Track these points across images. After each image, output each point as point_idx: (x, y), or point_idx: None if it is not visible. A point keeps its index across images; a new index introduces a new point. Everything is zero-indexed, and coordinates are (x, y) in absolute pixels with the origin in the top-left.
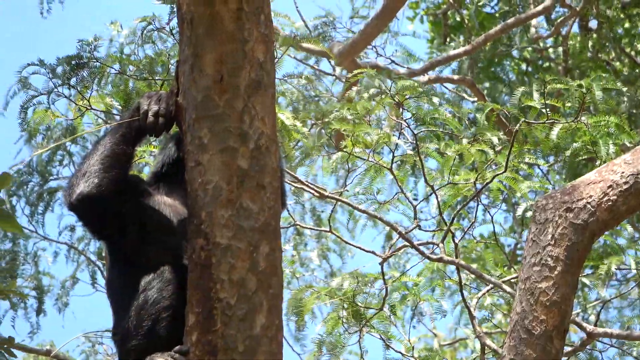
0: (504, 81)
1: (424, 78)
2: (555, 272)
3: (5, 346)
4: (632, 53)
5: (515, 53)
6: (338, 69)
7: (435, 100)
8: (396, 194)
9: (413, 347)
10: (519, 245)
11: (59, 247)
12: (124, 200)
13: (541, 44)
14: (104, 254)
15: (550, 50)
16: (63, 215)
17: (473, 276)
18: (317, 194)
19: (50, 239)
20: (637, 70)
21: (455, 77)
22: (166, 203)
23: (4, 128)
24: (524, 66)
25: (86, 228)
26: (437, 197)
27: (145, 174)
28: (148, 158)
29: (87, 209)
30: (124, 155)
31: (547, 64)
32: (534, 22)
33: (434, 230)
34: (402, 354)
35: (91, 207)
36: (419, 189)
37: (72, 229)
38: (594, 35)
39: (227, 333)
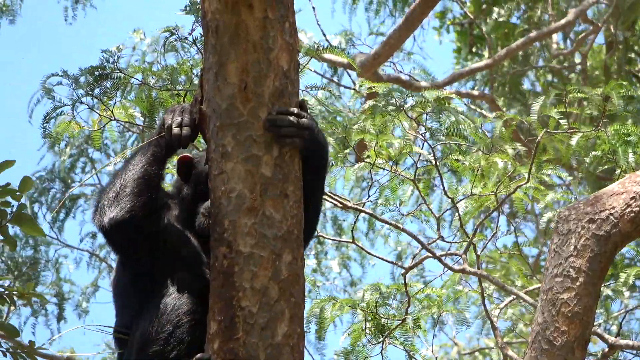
0: (525, 95)
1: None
2: (578, 283)
3: (26, 351)
4: None
5: (540, 63)
6: (358, 82)
7: (453, 110)
8: (419, 205)
9: (436, 358)
10: (542, 257)
11: (81, 254)
12: (154, 221)
13: (557, 61)
14: None
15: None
16: (84, 222)
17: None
18: (341, 205)
19: (72, 246)
20: None
21: (475, 92)
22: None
23: (26, 134)
24: (549, 77)
25: (116, 252)
26: (457, 209)
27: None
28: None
29: (120, 234)
30: (155, 176)
31: (572, 75)
32: (554, 37)
33: (456, 242)
34: None
35: (124, 232)
36: (440, 201)
37: (94, 236)
38: (619, 47)
39: (249, 341)
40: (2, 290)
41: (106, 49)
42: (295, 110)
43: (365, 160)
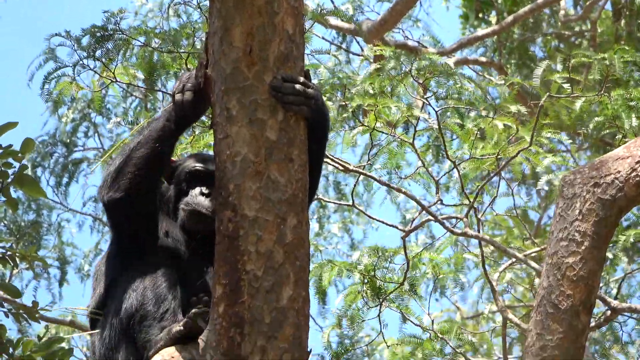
0: (534, 62)
1: (451, 60)
2: (583, 247)
3: (28, 311)
4: None
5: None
6: (367, 49)
7: (457, 77)
8: (418, 168)
9: (433, 321)
10: (543, 221)
11: (84, 218)
12: (151, 200)
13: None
14: None
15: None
16: (87, 186)
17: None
18: (342, 168)
19: (74, 209)
20: None
21: (483, 59)
22: None
23: (31, 100)
24: (556, 42)
25: (113, 227)
26: (459, 172)
27: None
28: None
29: (117, 211)
30: (158, 154)
31: (578, 40)
32: (562, 3)
33: (456, 205)
34: (422, 328)
35: (120, 210)
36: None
37: (97, 200)
38: (627, 13)
39: (254, 305)
40: (4, 251)
41: (108, 10)
42: (302, 79)
43: (365, 125)
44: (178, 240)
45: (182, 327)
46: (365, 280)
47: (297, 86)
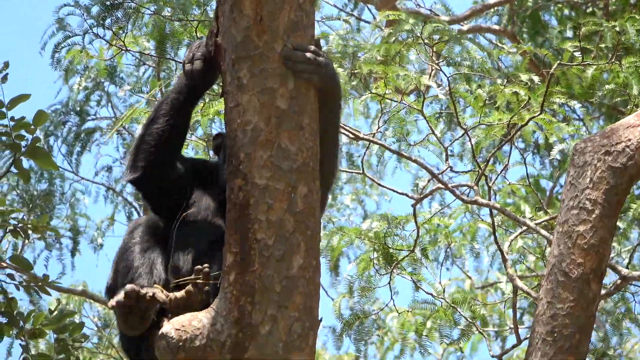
0: (547, 28)
1: (463, 27)
2: (594, 216)
3: (39, 284)
4: None
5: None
6: (378, 16)
7: (467, 43)
8: (427, 135)
9: (444, 289)
10: (555, 190)
11: (97, 187)
12: (171, 171)
13: None
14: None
15: None
16: (100, 155)
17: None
18: (352, 136)
19: (87, 179)
20: None
21: (496, 27)
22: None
23: (44, 69)
24: (566, 12)
25: (145, 199)
26: (470, 139)
27: None
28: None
29: (141, 188)
30: (174, 127)
31: (590, 9)
32: None
33: (465, 172)
34: (433, 296)
35: (144, 187)
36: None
37: (109, 169)
38: None
39: (265, 273)
40: (16, 223)
41: None
42: (313, 47)
43: (373, 92)
44: (207, 209)
45: (122, 296)
46: (377, 248)
47: (308, 54)
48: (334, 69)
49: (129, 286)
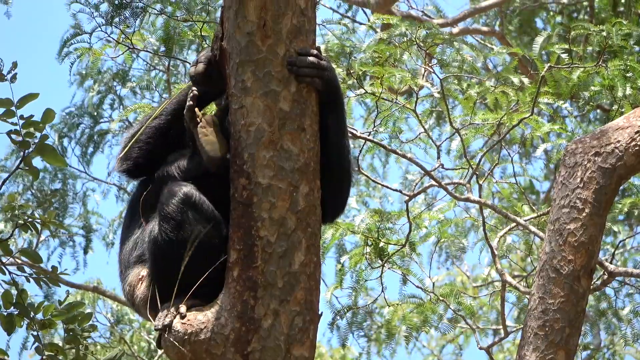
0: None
1: (454, 30)
2: (584, 214)
3: (48, 276)
4: None
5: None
6: (372, 18)
7: (458, 45)
8: (420, 133)
9: (434, 284)
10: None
11: (108, 187)
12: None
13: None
14: None
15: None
16: (112, 156)
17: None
18: (350, 134)
19: (99, 179)
20: None
21: (485, 28)
22: None
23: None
24: (558, 18)
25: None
26: (461, 138)
27: None
28: None
29: (130, 178)
30: (175, 127)
31: (581, 15)
32: None
33: (456, 168)
34: (423, 289)
35: (132, 177)
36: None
37: None
38: None
39: (267, 269)
40: (25, 217)
41: None
42: (315, 51)
43: (367, 91)
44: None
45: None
46: (369, 242)
47: (311, 58)
48: (335, 72)
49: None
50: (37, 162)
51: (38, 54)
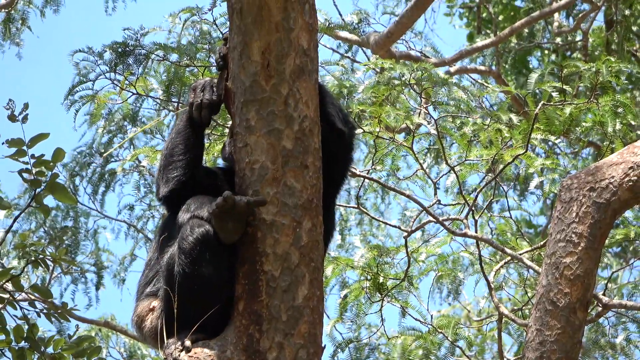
0: (531, 71)
1: (451, 69)
2: (579, 248)
3: (59, 311)
4: None
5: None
6: (373, 59)
7: (450, 87)
8: (416, 170)
9: (432, 316)
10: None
11: (119, 225)
12: (195, 181)
13: (561, 39)
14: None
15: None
16: (122, 194)
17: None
18: (349, 172)
19: (110, 217)
20: None
21: (482, 67)
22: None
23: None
24: (552, 57)
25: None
26: (456, 175)
27: None
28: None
29: (172, 201)
30: (193, 146)
31: (575, 54)
32: (556, 16)
33: (453, 204)
34: (421, 322)
35: (176, 203)
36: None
37: (131, 208)
38: (618, 28)
39: (272, 303)
40: (37, 255)
41: (128, 27)
42: None
43: (365, 130)
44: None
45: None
46: (368, 277)
47: None
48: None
49: (226, 192)
50: (49, 200)
51: (49, 94)
